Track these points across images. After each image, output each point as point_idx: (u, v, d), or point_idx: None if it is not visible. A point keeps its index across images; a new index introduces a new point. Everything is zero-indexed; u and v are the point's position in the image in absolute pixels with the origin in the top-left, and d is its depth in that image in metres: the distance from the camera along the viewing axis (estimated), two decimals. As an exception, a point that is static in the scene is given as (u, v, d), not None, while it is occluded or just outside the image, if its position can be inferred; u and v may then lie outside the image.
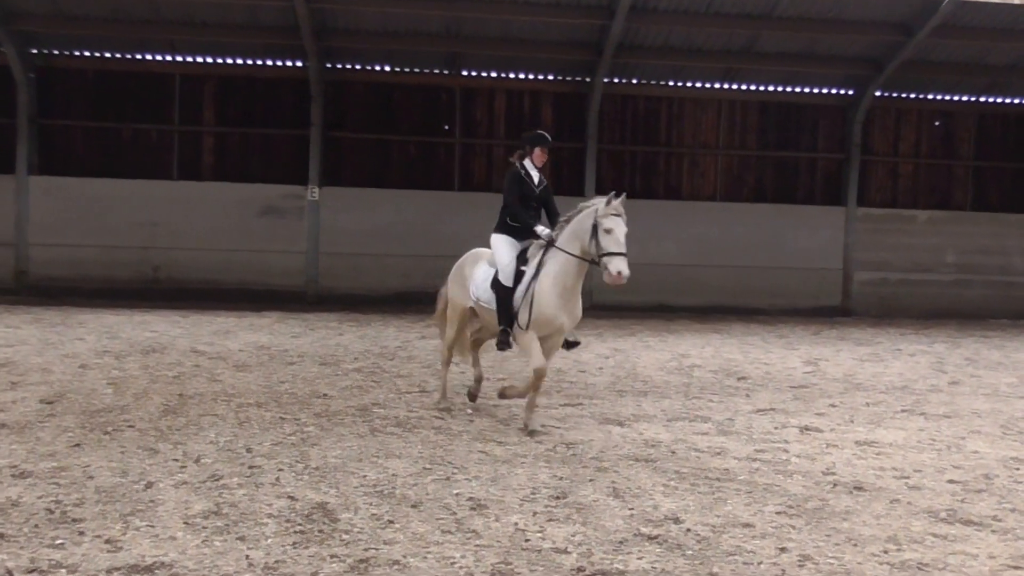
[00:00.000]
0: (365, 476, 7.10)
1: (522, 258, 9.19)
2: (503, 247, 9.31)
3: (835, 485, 7.29)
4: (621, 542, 5.74)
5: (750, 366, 14.15)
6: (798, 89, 24.93)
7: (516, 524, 6.03)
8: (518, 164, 9.45)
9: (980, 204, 25.54)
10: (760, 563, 5.45)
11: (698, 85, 24.80)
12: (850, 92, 24.75)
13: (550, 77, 24.60)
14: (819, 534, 6.03)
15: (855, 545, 5.83)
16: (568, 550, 5.57)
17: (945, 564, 5.52)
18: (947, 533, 6.14)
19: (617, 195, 8.80)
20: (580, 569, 5.27)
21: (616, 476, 7.31)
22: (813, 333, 19.66)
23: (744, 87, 24.92)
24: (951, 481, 7.52)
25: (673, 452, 8.24)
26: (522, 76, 24.60)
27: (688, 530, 6.01)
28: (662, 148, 24.93)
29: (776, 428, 9.52)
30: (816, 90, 25.01)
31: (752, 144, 25.18)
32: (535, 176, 9.48)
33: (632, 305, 22.49)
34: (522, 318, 8.89)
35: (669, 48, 23.20)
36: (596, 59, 23.11)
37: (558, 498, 6.64)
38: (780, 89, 24.93)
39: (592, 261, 8.76)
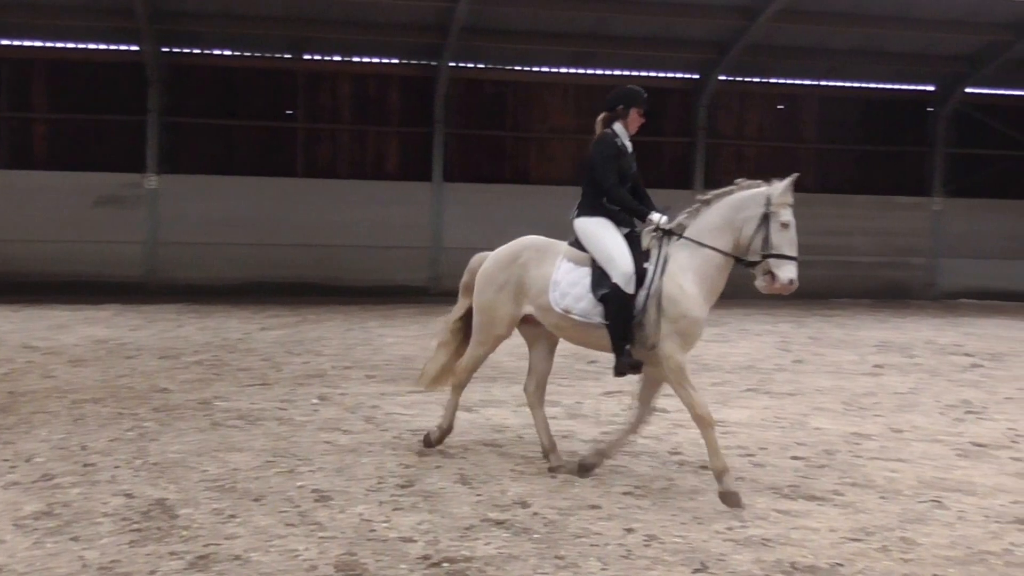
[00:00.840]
0: (206, 471, 6.93)
1: (634, 252, 6.92)
2: (612, 238, 6.95)
3: (681, 465, 7.44)
4: (468, 528, 5.72)
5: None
6: (645, 73, 25.33)
7: (362, 514, 5.95)
8: (609, 130, 7.30)
9: (824, 186, 26.41)
10: (607, 544, 5.50)
11: (545, 69, 24.98)
12: (696, 76, 25.27)
13: (396, 61, 24.41)
14: (665, 513, 6.13)
15: (700, 523, 5.95)
16: (414, 539, 5.52)
17: (788, 539, 5.67)
18: (790, 508, 6.33)
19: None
20: (426, 557, 5.22)
21: (464, 462, 7.30)
22: (663, 315, 20.01)
23: (592, 71, 25.21)
24: (795, 457, 7.76)
25: (521, 437, 8.28)
26: (367, 60, 24.34)
27: (536, 514, 6.03)
28: (510, 132, 25.03)
29: (624, 410, 9.61)
30: (663, 74, 25.47)
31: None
32: (628, 146, 7.39)
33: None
34: (652, 330, 6.70)
35: (516, 31, 23.28)
36: (442, 42, 23.01)
37: (405, 487, 6.58)
38: (628, 73, 25.29)
39: (741, 260, 6.79)
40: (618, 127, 7.35)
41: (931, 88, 26.49)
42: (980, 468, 7.52)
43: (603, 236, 6.98)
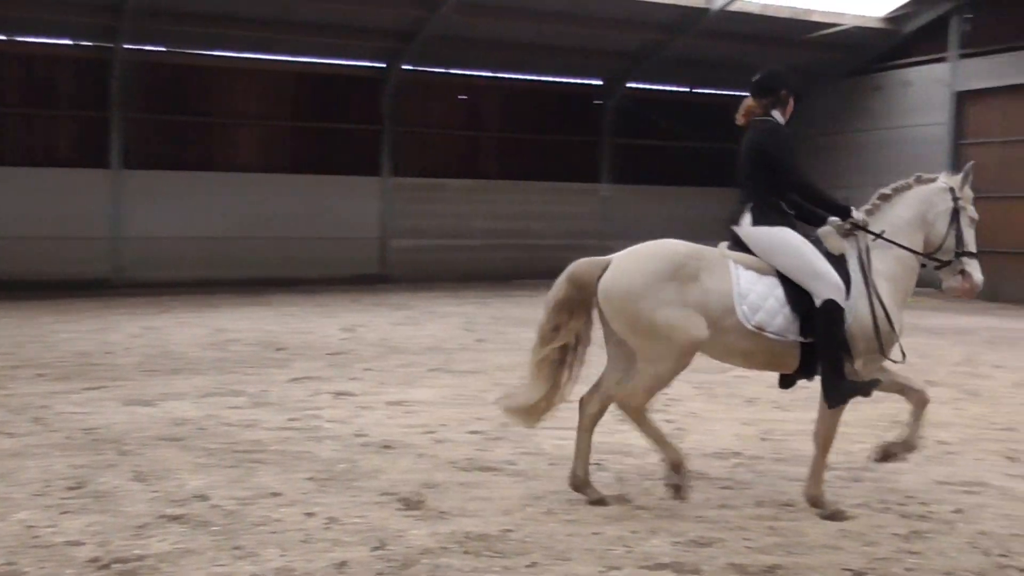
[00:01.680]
0: None
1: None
2: (809, 249, 6.07)
3: (365, 446, 7.45)
4: (142, 527, 5.47)
5: (288, 336, 14.11)
6: (331, 61, 25.11)
7: (24, 521, 5.55)
8: (770, 117, 6.36)
9: (505, 173, 27.23)
10: (287, 531, 5.44)
11: (229, 54, 24.20)
12: (382, 65, 25.31)
13: (67, 42, 22.85)
14: (347, 495, 6.13)
15: (380, 503, 5.98)
16: (83, 541, 5.22)
17: (463, 510, 5.83)
18: (467, 480, 6.51)
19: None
20: (95, 560, 4.96)
21: (140, 459, 6.96)
22: (352, 300, 20.01)
23: (277, 57, 24.69)
24: (473, 432, 7.97)
25: (203, 429, 8.00)
26: (35, 40, 22.62)
27: (215, 506, 5.86)
28: (192, 118, 24.03)
29: (310, 396, 9.57)
30: (351, 62, 25.34)
31: (288, 115, 25.02)
32: None
33: (169, 281, 21.57)
34: (869, 342, 6.02)
35: (197, 14, 22.32)
36: (117, 24, 21.76)
37: (74, 488, 6.20)
38: (314, 60, 24.97)
39: (930, 259, 6.33)
40: (776, 114, 6.37)
41: (599, 82, 27.93)
42: (637, 432, 8.01)
43: (800, 248, 6.05)
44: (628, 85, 27.66)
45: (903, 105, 25.83)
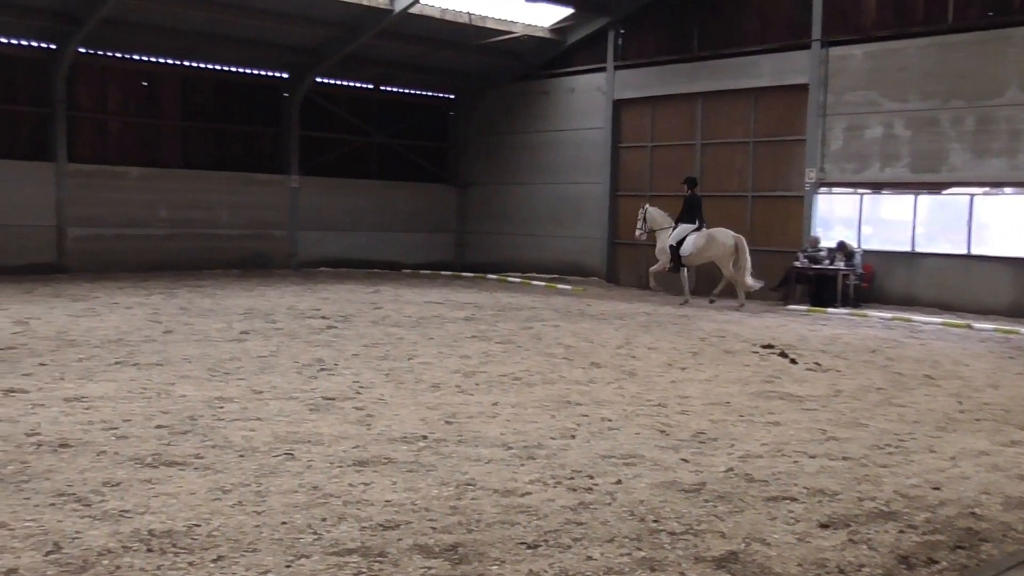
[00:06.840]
0: None
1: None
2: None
3: (39, 445, 6.86)
4: None
5: (-49, 331, 12.77)
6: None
7: None
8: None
9: (187, 162, 26.03)
10: (-54, 540, 4.89)
11: None
12: (52, 46, 23.36)
13: None
14: (18, 498, 5.62)
15: (56, 504, 5.53)
16: None
17: (147, 507, 5.50)
18: (151, 477, 6.14)
19: None
20: None
21: None
22: (25, 292, 18.40)
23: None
24: (159, 426, 7.54)
25: None
26: None
27: None
28: None
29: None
30: (15, 41, 23.17)
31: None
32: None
33: None
34: None
35: None
36: None
37: None
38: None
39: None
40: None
41: (285, 75, 27.29)
42: (327, 419, 7.92)
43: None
44: (316, 80, 27.22)
45: (569, 110, 27.16)
